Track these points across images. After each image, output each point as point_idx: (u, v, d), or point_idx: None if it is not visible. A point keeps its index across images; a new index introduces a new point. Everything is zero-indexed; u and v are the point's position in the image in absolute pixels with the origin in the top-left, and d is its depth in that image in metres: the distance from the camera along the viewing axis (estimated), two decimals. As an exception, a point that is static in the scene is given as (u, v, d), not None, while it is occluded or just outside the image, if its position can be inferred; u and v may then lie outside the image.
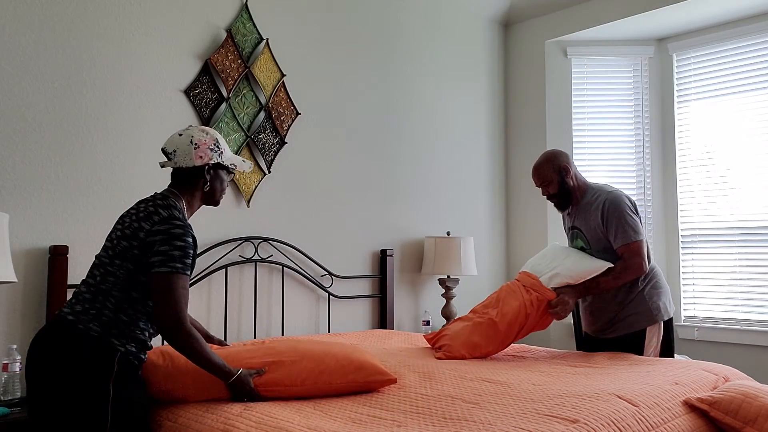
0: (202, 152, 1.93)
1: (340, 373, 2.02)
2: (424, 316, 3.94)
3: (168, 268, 1.78)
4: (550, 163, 2.87)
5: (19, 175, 2.51)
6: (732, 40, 4.15)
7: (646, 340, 2.76)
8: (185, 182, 1.98)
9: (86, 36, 2.72)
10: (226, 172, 2.05)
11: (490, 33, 4.76)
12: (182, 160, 1.93)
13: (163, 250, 1.80)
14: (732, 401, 1.99)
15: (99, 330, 1.77)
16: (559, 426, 1.63)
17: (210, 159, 1.95)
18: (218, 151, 1.97)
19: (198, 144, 1.93)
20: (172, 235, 1.81)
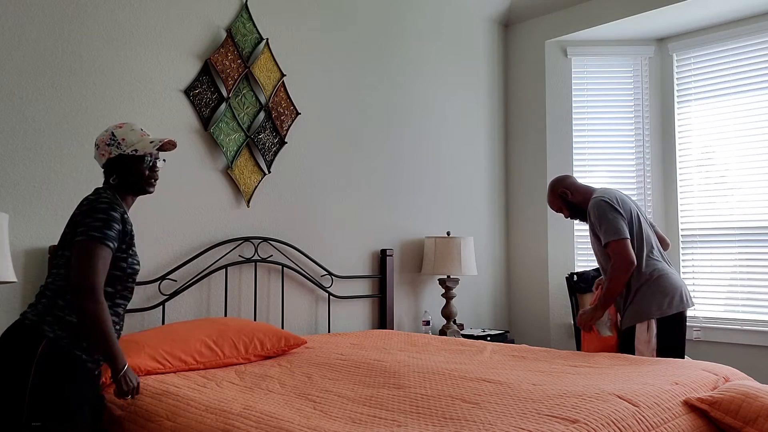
0: (102, 150, 1.97)
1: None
2: (424, 316, 3.94)
3: (86, 237, 1.78)
4: (552, 194, 3.21)
5: (19, 175, 2.51)
6: (732, 40, 4.15)
7: (635, 335, 2.89)
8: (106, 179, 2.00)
9: (86, 36, 2.71)
10: (140, 159, 1.97)
11: (490, 33, 4.76)
12: (97, 158, 2.00)
13: (85, 222, 1.81)
14: (732, 401, 1.99)
15: (34, 318, 1.79)
16: (559, 426, 1.63)
17: (109, 153, 1.96)
18: (114, 143, 1.96)
19: (98, 144, 1.98)
20: (94, 208, 1.83)
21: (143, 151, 1.96)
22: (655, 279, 2.90)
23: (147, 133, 2.00)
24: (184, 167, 3.00)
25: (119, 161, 1.96)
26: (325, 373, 2.37)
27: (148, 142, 1.97)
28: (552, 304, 4.44)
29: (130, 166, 1.97)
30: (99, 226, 1.80)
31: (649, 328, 2.87)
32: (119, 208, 1.88)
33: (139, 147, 1.96)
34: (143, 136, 1.98)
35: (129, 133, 1.97)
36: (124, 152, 1.96)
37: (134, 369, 2.25)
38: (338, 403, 1.93)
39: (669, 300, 2.87)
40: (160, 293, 2.85)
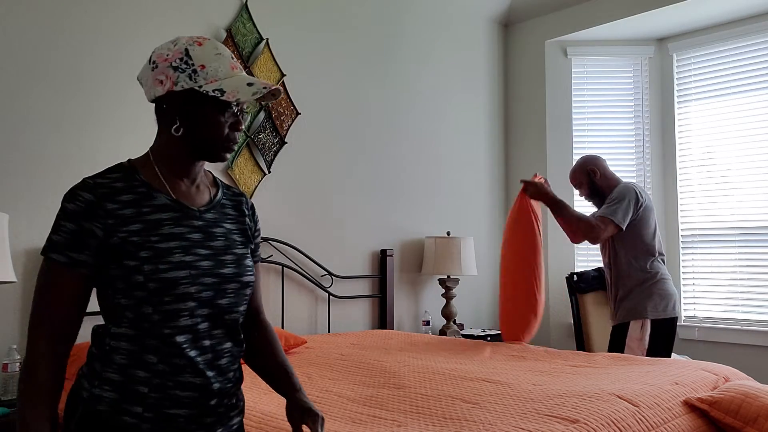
0: (161, 73, 1.18)
1: None
2: (424, 316, 3.93)
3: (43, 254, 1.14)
4: (580, 166, 3.20)
5: (19, 175, 2.51)
6: (732, 40, 4.15)
7: (628, 332, 2.96)
8: (159, 126, 1.24)
9: (86, 36, 2.71)
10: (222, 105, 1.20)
11: (490, 33, 4.76)
12: (146, 90, 1.22)
13: None
14: (732, 401, 1.99)
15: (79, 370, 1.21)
16: (559, 426, 1.63)
17: (173, 83, 1.18)
18: (187, 68, 1.17)
19: (155, 62, 1.19)
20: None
21: (233, 94, 1.16)
22: (658, 281, 2.96)
23: (239, 66, 1.24)
24: (184, 167, 2.99)
25: (187, 101, 1.19)
26: (325, 373, 2.37)
27: (244, 82, 1.18)
28: (552, 304, 4.44)
29: (204, 114, 1.20)
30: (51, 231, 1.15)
31: (643, 327, 2.93)
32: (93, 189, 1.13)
33: (227, 86, 1.17)
34: (235, 69, 1.21)
35: (213, 58, 1.19)
36: (201, 88, 1.17)
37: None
38: (338, 403, 1.93)
39: (665, 304, 2.95)
40: (160, 293, 2.84)
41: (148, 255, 1.12)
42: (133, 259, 1.12)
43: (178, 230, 1.17)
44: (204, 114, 1.20)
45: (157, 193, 1.19)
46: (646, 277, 2.95)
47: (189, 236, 1.17)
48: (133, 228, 1.14)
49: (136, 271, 1.11)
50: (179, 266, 1.13)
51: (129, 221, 1.14)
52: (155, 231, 1.14)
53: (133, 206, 1.15)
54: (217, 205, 1.27)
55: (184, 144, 1.21)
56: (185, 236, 1.17)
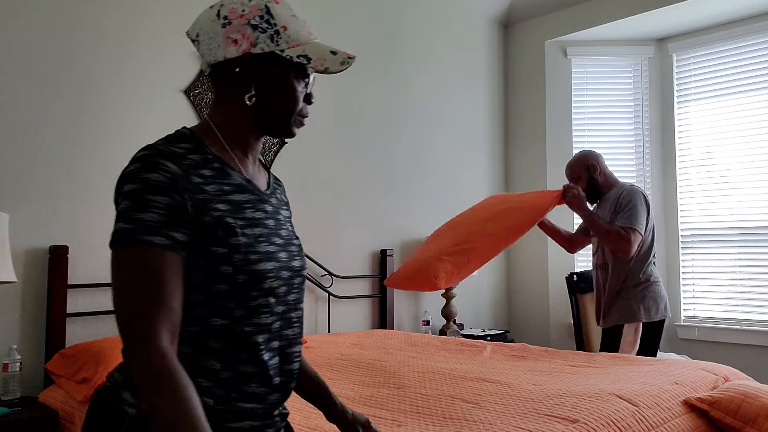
0: (235, 30, 1.00)
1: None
2: (424, 316, 3.94)
3: (112, 237, 0.91)
4: (580, 161, 3.15)
5: (19, 175, 2.51)
6: (732, 40, 4.15)
7: (622, 335, 2.94)
8: (221, 92, 1.06)
9: (86, 36, 2.71)
10: (301, 72, 1.06)
11: (490, 33, 4.76)
12: (206, 50, 1.03)
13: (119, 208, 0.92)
14: (732, 401, 1.99)
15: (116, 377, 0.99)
16: (559, 426, 1.63)
17: (252, 44, 1.00)
18: (269, 30, 1.01)
19: (230, 17, 1.01)
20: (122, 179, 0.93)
21: (320, 62, 1.03)
22: (652, 284, 2.97)
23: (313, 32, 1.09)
24: (184, 167, 2.99)
25: (265, 64, 1.03)
26: (325, 373, 2.37)
27: (327, 50, 1.04)
28: (552, 304, 4.44)
29: (284, 82, 1.04)
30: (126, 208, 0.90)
31: (636, 330, 2.93)
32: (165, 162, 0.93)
33: (311, 52, 1.03)
34: (311, 35, 1.07)
35: (292, 21, 1.04)
36: (283, 52, 1.02)
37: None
38: (338, 403, 1.93)
39: (657, 307, 2.96)
40: (160, 293, 2.84)
41: (239, 242, 0.95)
42: (222, 246, 0.94)
43: (258, 215, 1.01)
44: (283, 82, 1.04)
45: (232, 171, 1.02)
46: (642, 280, 2.96)
47: (266, 223, 1.03)
48: (221, 208, 0.96)
49: (225, 260, 0.94)
50: (266, 257, 0.99)
51: (215, 200, 0.96)
52: (240, 214, 0.98)
53: (215, 183, 0.97)
54: (274, 188, 1.14)
55: (254, 115, 1.05)
56: (264, 223, 1.02)
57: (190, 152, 0.97)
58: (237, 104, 1.04)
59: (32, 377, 2.48)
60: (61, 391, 2.31)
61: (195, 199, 0.93)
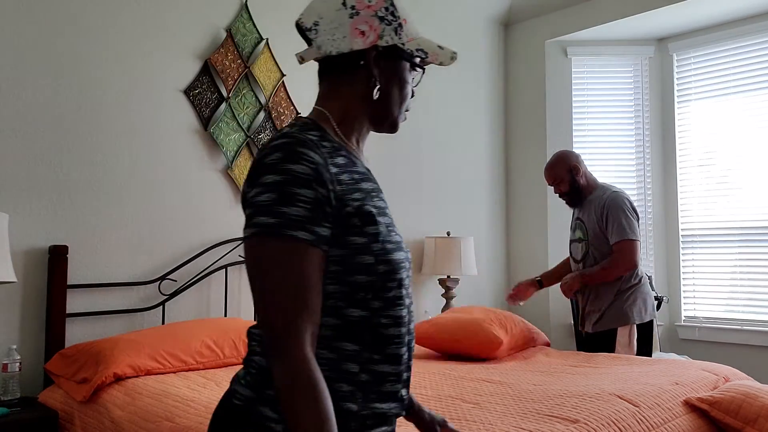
0: (365, 22, 0.99)
1: None
2: (424, 316, 3.93)
3: (249, 230, 0.88)
4: (561, 163, 3.07)
5: (19, 175, 2.51)
6: (732, 40, 4.15)
7: (616, 338, 2.92)
8: (337, 82, 1.04)
9: (86, 36, 2.71)
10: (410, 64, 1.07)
11: (490, 33, 4.75)
12: (328, 40, 1.00)
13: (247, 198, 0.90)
14: (732, 401, 1.99)
15: (246, 393, 0.92)
16: (559, 426, 1.63)
17: (379, 36, 1.00)
18: (394, 23, 1.01)
19: (357, 7, 1.00)
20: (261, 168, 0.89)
21: (435, 56, 1.04)
22: (642, 284, 2.99)
23: None
24: (184, 167, 2.99)
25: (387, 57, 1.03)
26: (325, 373, 2.36)
27: (435, 44, 1.04)
28: (552, 304, 4.44)
29: (401, 76, 1.05)
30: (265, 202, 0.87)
31: (630, 333, 2.92)
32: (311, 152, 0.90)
33: (426, 47, 1.04)
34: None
35: (408, 15, 1.05)
36: (404, 46, 1.02)
37: (133, 369, 2.25)
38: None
39: (646, 307, 2.96)
40: (160, 293, 2.84)
41: (378, 231, 0.93)
42: (361, 236, 0.91)
43: (382, 204, 0.98)
44: (402, 76, 1.04)
45: (356, 159, 1.00)
46: (634, 282, 2.94)
47: (388, 212, 1.01)
48: (357, 197, 0.93)
49: (364, 250, 0.91)
50: (397, 247, 0.96)
51: (351, 189, 0.93)
52: (372, 203, 0.95)
53: (347, 172, 0.95)
54: None
55: (372, 107, 1.04)
56: (388, 212, 1.00)
57: (321, 140, 0.95)
58: (356, 95, 1.02)
59: (32, 377, 2.48)
60: (60, 391, 2.31)
61: (336, 191, 0.90)
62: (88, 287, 2.62)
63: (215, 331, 2.57)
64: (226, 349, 2.53)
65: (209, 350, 2.48)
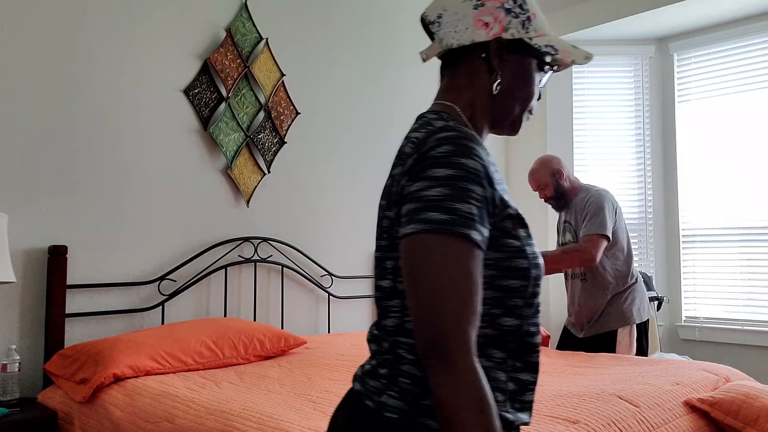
0: (489, 14, 0.95)
1: None
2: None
3: (417, 226, 0.80)
4: (544, 167, 3.05)
5: (18, 175, 2.50)
6: (732, 39, 4.15)
7: (617, 340, 2.91)
8: (458, 77, 0.99)
9: (85, 35, 2.71)
10: (536, 60, 0.99)
11: (491, 33, 4.75)
12: (450, 32, 0.97)
13: (411, 191, 0.83)
14: (733, 402, 1.99)
15: (399, 406, 0.86)
16: (559, 426, 1.62)
17: (504, 29, 0.95)
18: (522, 16, 0.96)
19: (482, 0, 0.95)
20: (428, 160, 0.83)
21: (566, 55, 0.96)
22: (637, 284, 2.99)
23: None
24: (183, 167, 2.99)
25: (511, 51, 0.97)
26: (325, 373, 2.36)
27: (570, 45, 0.97)
28: (552, 304, 4.43)
29: (526, 73, 0.99)
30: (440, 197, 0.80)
31: (631, 333, 2.92)
32: (476, 148, 0.85)
33: (557, 44, 0.96)
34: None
35: (538, 9, 0.99)
36: (531, 41, 0.96)
37: (133, 369, 2.24)
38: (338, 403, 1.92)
39: (643, 306, 2.97)
40: (160, 293, 2.84)
41: (525, 234, 0.88)
42: (515, 239, 0.87)
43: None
44: (527, 72, 0.98)
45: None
46: (631, 282, 2.94)
47: None
48: (507, 197, 0.89)
49: (520, 253, 0.86)
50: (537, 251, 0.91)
51: (504, 190, 0.89)
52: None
53: (496, 171, 0.90)
54: None
55: (493, 104, 0.97)
56: None
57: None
58: (477, 90, 0.97)
59: (31, 378, 2.48)
60: (60, 391, 2.31)
61: (497, 190, 0.85)
62: (87, 287, 2.62)
63: (215, 332, 2.57)
64: (226, 349, 2.53)
65: (209, 350, 2.48)
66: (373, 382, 0.89)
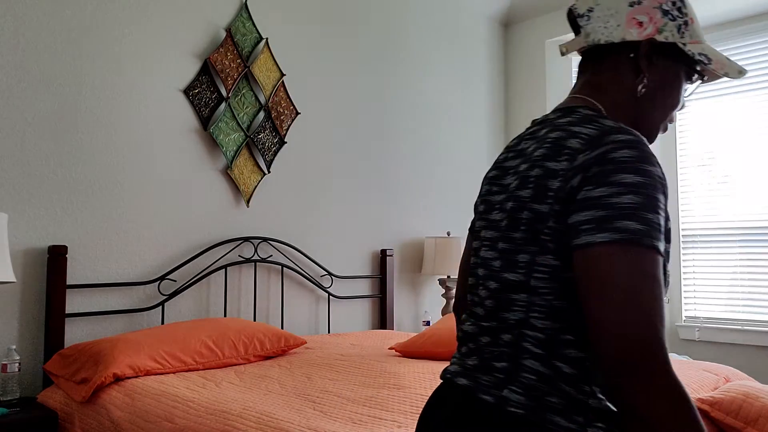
0: (645, 13, 0.92)
1: None
2: (424, 316, 3.93)
3: (611, 235, 0.77)
4: None
5: (18, 175, 2.50)
6: (732, 40, 4.15)
7: None
8: (601, 74, 0.96)
9: (85, 35, 2.71)
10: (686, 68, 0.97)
11: (490, 33, 4.75)
12: (599, 27, 0.95)
13: (595, 197, 0.79)
14: (733, 402, 1.99)
15: (523, 401, 0.84)
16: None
17: (658, 30, 0.92)
18: (679, 19, 0.93)
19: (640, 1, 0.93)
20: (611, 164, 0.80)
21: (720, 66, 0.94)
22: None
23: None
24: (183, 167, 2.99)
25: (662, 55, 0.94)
26: (325, 373, 2.36)
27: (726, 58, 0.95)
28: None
29: (675, 80, 0.96)
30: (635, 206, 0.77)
31: None
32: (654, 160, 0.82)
33: (709, 52, 0.94)
34: None
35: (695, 15, 0.96)
36: (685, 46, 0.93)
37: (133, 369, 2.24)
38: (338, 403, 1.92)
39: None
40: (160, 293, 2.84)
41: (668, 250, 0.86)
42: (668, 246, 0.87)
43: None
44: (674, 79, 0.94)
45: None
46: None
47: None
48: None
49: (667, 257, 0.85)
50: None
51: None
52: None
53: None
54: None
55: (635, 107, 0.94)
56: None
57: None
58: (621, 91, 0.94)
59: (31, 378, 2.48)
60: (60, 391, 2.31)
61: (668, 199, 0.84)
62: (87, 287, 2.62)
63: (215, 332, 2.57)
64: (226, 349, 2.53)
65: (209, 350, 2.48)
66: (486, 377, 0.88)
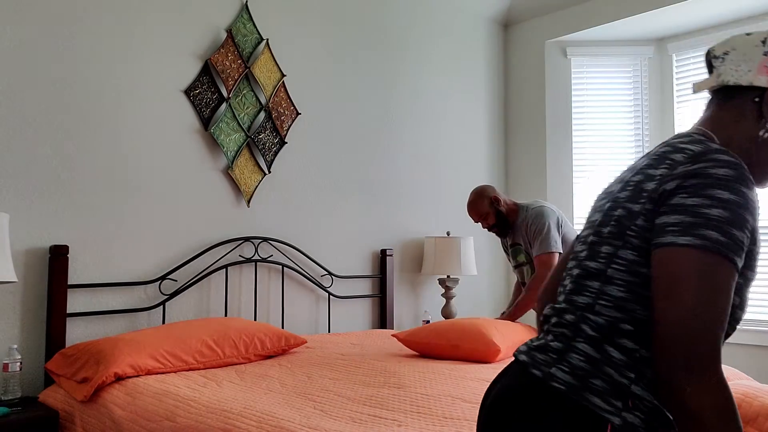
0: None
1: None
2: (424, 316, 3.94)
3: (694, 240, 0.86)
4: (481, 198, 3.18)
5: (19, 175, 2.51)
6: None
7: None
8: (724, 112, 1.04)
9: (86, 36, 2.72)
10: None
11: (490, 33, 4.76)
12: (730, 69, 1.03)
13: (688, 205, 0.88)
14: (732, 401, 1.99)
15: (567, 380, 0.91)
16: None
17: None
18: None
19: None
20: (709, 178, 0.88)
21: None
22: None
23: None
24: (184, 167, 3.00)
25: None
26: (326, 372, 2.37)
27: None
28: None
29: None
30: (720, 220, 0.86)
31: None
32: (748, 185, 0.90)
33: None
34: None
35: None
36: None
37: (134, 368, 2.25)
38: (338, 402, 1.93)
39: None
40: (161, 293, 2.85)
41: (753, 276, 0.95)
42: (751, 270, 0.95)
43: None
44: None
45: None
46: None
47: None
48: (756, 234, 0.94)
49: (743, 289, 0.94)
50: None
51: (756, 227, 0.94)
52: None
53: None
54: None
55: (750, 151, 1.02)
56: None
57: None
58: (739, 131, 1.02)
59: (32, 377, 2.49)
60: (61, 391, 2.32)
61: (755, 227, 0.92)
62: (88, 287, 2.63)
63: (216, 331, 2.57)
64: (227, 348, 2.54)
65: (209, 350, 2.49)
66: (542, 355, 0.97)
